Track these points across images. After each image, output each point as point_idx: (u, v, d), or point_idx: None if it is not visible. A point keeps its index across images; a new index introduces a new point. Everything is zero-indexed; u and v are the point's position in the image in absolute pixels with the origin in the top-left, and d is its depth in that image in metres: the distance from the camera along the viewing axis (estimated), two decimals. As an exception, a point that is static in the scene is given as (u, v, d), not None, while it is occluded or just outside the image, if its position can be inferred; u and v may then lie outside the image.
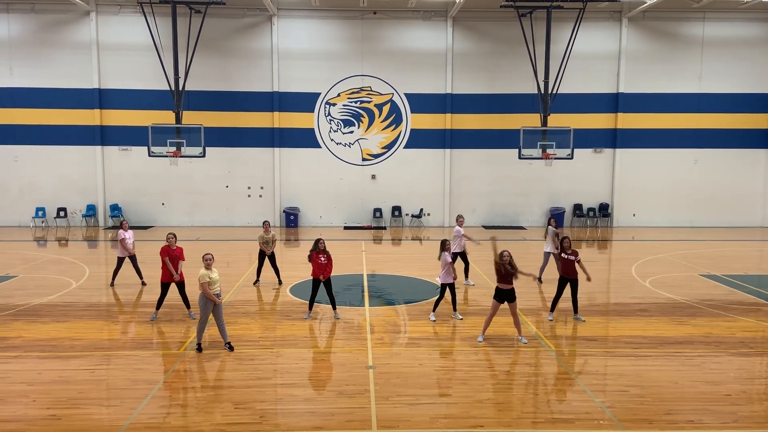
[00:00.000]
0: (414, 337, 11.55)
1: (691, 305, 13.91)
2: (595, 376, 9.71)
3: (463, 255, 15.51)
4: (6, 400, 8.59)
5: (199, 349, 10.54)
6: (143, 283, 15.35)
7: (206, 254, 10.57)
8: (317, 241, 12.46)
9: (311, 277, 12.58)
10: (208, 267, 10.41)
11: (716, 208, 27.63)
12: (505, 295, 11.03)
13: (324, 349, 11.04)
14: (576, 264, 12.28)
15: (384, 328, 12.10)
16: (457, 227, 15.44)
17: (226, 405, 8.49)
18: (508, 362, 10.23)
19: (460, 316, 12.64)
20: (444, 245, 12.22)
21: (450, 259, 12.31)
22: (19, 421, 8.00)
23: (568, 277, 12.39)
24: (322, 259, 12.34)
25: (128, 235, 15.14)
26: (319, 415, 8.22)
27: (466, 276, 15.69)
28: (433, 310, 12.66)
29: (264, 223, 15.76)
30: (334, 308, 12.71)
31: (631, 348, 10.96)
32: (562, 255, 12.44)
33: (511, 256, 11.01)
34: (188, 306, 12.66)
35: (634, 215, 27.81)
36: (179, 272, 12.34)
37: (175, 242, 12.47)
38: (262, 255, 15.58)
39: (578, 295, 12.69)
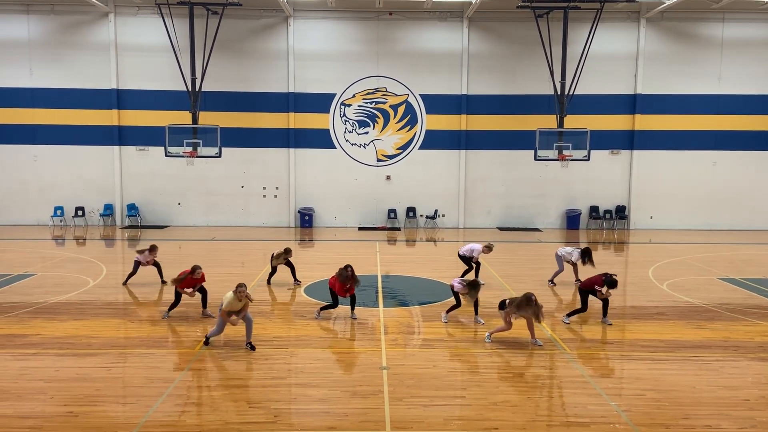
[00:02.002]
0: (428, 339, 11.53)
1: (709, 309, 13.75)
2: (611, 379, 9.63)
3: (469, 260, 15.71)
4: (24, 397, 8.69)
5: (206, 342, 10.79)
6: (163, 282, 15.46)
7: (242, 287, 10.49)
8: (347, 269, 12.35)
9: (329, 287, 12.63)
10: (239, 296, 10.46)
11: (735, 210, 27.25)
12: None
13: (338, 349, 11.05)
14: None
15: (398, 329, 12.09)
16: (478, 248, 15.48)
17: (241, 404, 8.52)
18: (523, 364, 10.17)
19: (482, 321, 12.57)
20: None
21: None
22: (36, 417, 8.09)
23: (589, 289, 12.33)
24: (346, 286, 12.35)
25: (141, 258, 15.24)
26: (333, 416, 8.22)
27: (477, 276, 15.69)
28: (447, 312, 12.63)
29: (287, 250, 15.62)
30: (353, 309, 12.71)
31: (648, 351, 10.85)
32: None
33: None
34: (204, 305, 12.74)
35: (651, 218, 27.53)
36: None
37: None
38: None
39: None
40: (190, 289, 12.45)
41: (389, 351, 10.73)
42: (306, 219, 26.97)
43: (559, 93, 23.38)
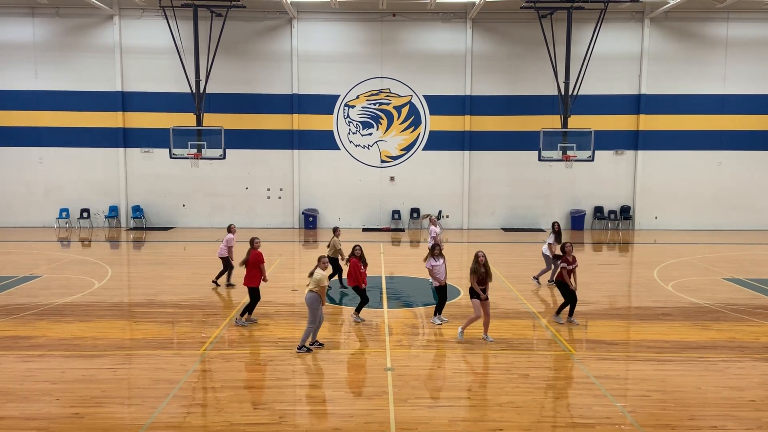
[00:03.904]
0: (432, 340, 11.53)
1: (715, 309, 13.71)
2: (617, 380, 9.60)
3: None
4: (30, 398, 8.73)
5: (309, 349, 10.66)
6: (221, 284, 15.54)
7: (324, 257, 10.87)
8: (355, 248, 12.58)
9: (349, 285, 12.64)
10: (324, 268, 10.69)
11: (741, 210, 27.17)
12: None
13: (342, 350, 11.06)
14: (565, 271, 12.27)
15: (402, 330, 12.09)
16: (435, 228, 15.48)
17: (246, 405, 8.54)
18: (528, 365, 10.15)
19: (445, 319, 12.62)
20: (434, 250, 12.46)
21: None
22: (42, 419, 8.12)
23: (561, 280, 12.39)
24: (362, 268, 12.45)
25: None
26: (337, 417, 8.23)
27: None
28: (439, 314, 12.64)
29: (335, 229, 15.54)
30: (359, 310, 12.72)
31: (654, 352, 10.83)
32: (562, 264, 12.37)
33: (485, 257, 11.18)
34: (246, 312, 12.44)
35: (656, 218, 27.47)
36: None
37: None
38: (335, 262, 15.14)
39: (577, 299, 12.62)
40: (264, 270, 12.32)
41: (394, 352, 10.73)
42: (310, 220, 27.00)
43: (563, 93, 23.36)
